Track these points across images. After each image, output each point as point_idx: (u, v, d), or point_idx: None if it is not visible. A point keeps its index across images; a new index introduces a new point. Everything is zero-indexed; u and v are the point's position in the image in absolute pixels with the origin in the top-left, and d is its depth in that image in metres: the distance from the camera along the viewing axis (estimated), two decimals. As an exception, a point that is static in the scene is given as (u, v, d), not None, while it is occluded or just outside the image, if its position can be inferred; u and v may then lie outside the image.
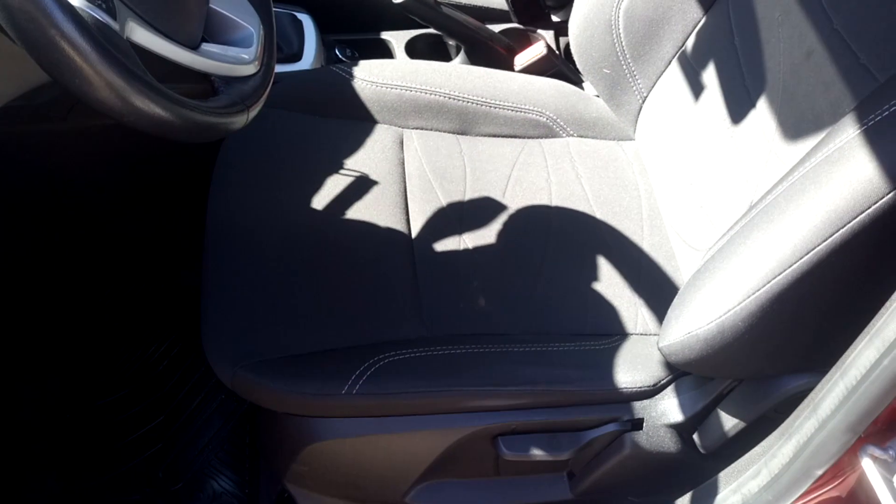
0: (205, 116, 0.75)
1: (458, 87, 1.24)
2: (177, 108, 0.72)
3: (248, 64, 0.87)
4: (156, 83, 0.70)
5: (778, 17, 0.97)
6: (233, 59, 0.85)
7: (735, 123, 1.01)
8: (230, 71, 0.84)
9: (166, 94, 0.71)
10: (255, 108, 0.85)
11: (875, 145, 0.72)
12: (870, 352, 0.67)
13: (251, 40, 0.89)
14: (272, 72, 0.91)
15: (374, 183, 1.15)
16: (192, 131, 0.75)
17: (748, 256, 0.80)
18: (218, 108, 0.78)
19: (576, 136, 1.27)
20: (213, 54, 0.83)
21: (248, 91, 0.85)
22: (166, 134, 0.73)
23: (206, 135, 0.77)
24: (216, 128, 0.78)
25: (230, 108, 0.80)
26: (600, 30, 1.18)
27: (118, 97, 0.68)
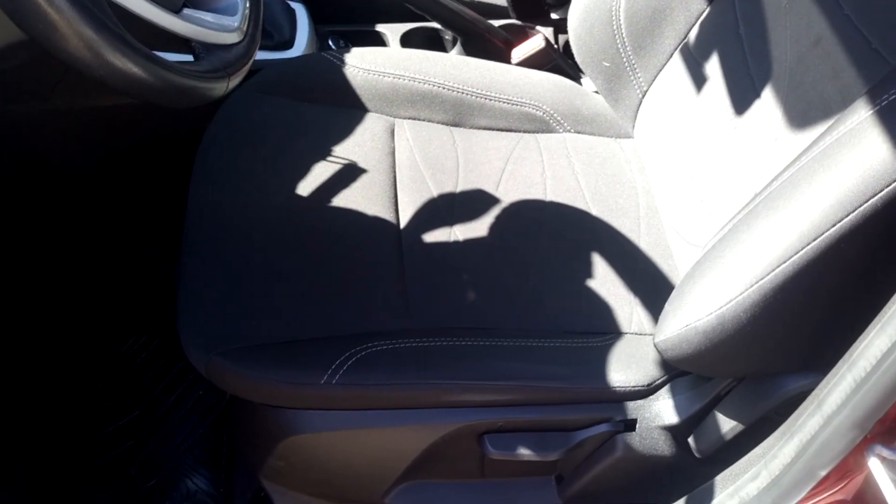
0: (182, 78, 0.71)
1: (454, 78, 1.20)
2: (152, 67, 0.68)
3: (232, 32, 0.83)
4: (131, 38, 0.67)
5: (785, 5, 0.93)
6: (215, 25, 0.81)
7: (739, 114, 0.97)
8: (212, 38, 0.81)
9: (142, 51, 0.67)
10: (236, 77, 0.81)
11: (888, 126, 0.69)
12: (881, 340, 0.63)
13: (235, 9, 0.85)
14: (256, 42, 0.87)
15: (362, 171, 1.11)
16: (167, 93, 0.71)
17: (752, 244, 0.76)
18: (197, 71, 0.74)
19: (573, 131, 1.23)
20: (195, 19, 0.79)
21: (231, 59, 0.81)
22: (140, 94, 0.70)
23: (182, 99, 0.73)
24: (193, 92, 0.74)
25: (209, 73, 0.76)
26: (601, 21, 1.15)
27: (89, 50, 0.64)
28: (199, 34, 0.79)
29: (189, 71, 0.72)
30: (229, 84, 0.79)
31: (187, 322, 0.93)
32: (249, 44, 0.85)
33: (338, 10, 1.46)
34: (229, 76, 0.79)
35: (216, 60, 0.79)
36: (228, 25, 0.83)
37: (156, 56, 0.68)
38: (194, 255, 0.99)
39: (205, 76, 0.75)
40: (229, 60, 0.80)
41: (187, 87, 0.72)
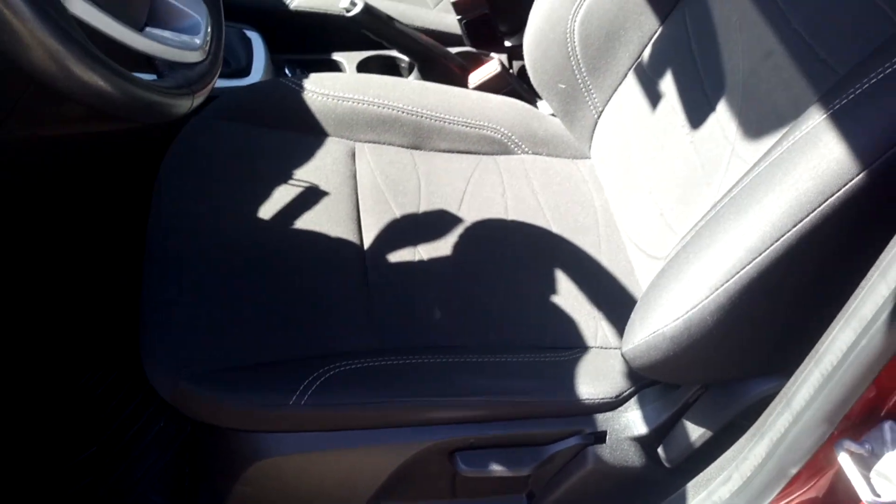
0: (147, 93, 0.71)
1: (413, 102, 1.21)
2: (118, 80, 0.67)
3: (195, 50, 0.83)
4: (96, 50, 0.66)
5: (735, 21, 0.97)
6: (178, 43, 0.81)
7: (694, 128, 1.00)
8: (175, 56, 0.80)
9: (107, 63, 0.67)
10: (200, 95, 0.81)
11: (841, 128, 0.71)
12: (846, 334, 0.65)
13: (198, 28, 0.85)
14: (220, 61, 0.87)
15: (324, 194, 1.11)
16: (132, 107, 0.70)
17: (715, 249, 0.78)
18: (162, 86, 0.74)
19: (530, 153, 1.25)
20: (158, 37, 0.79)
21: (194, 77, 0.80)
22: (105, 108, 0.69)
23: (147, 113, 0.73)
24: (158, 107, 0.73)
25: (174, 89, 0.76)
26: (555, 44, 1.17)
27: (54, 61, 0.63)
28: (161, 52, 0.79)
29: (154, 86, 0.72)
30: (193, 101, 0.79)
31: (151, 348, 0.91)
32: (213, 63, 0.84)
33: (294, 40, 1.46)
34: (194, 93, 0.78)
35: (180, 77, 0.78)
36: (191, 44, 0.83)
37: (121, 69, 0.68)
38: (156, 282, 0.97)
39: (169, 92, 0.74)
40: (193, 78, 0.80)
41: (152, 102, 0.72)
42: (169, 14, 0.84)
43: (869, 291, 0.62)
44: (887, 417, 0.70)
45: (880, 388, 0.69)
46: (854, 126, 0.70)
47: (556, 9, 1.16)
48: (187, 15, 0.85)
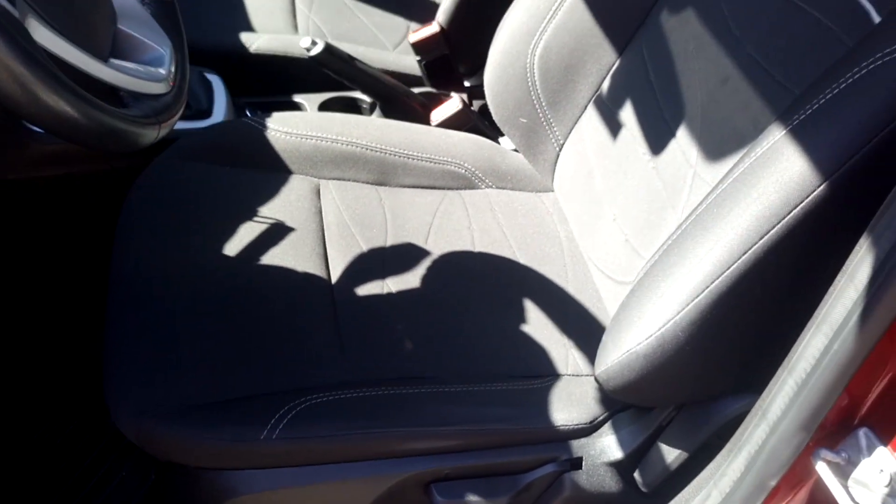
0: (113, 120, 0.70)
1: (376, 139, 1.22)
2: (84, 106, 0.67)
3: (160, 82, 0.82)
4: (63, 76, 0.65)
5: (692, 50, 1.00)
6: (143, 74, 0.81)
7: (656, 154, 1.01)
8: (140, 87, 0.80)
9: (73, 89, 0.66)
10: (166, 126, 0.80)
11: (802, 142, 0.73)
12: (818, 339, 0.65)
13: (162, 61, 0.85)
14: (185, 94, 0.86)
15: (289, 230, 1.10)
16: (97, 135, 0.69)
17: (684, 266, 0.79)
18: (128, 114, 0.73)
19: (494, 187, 1.26)
20: (123, 68, 0.79)
21: (160, 107, 0.80)
22: (70, 135, 0.68)
23: (112, 142, 0.72)
24: (124, 136, 0.73)
25: (140, 118, 0.75)
26: (516, 78, 1.19)
27: (19, 85, 0.62)
28: (126, 83, 0.78)
29: (120, 113, 0.71)
30: (159, 132, 0.78)
31: (114, 386, 0.88)
32: (178, 94, 0.84)
33: (254, 82, 1.47)
34: (160, 123, 0.78)
35: (146, 107, 0.78)
36: (156, 75, 0.82)
37: (87, 95, 0.67)
38: (119, 322, 0.95)
39: (136, 120, 0.74)
40: (159, 108, 0.79)
41: (118, 130, 0.71)
42: (132, 46, 0.84)
43: (838, 295, 0.63)
44: (861, 424, 0.71)
45: (852, 396, 0.70)
46: (814, 139, 0.72)
47: (515, 44, 1.19)
48: (151, 48, 0.85)
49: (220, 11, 1.55)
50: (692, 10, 1.02)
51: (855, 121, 0.70)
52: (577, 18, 1.14)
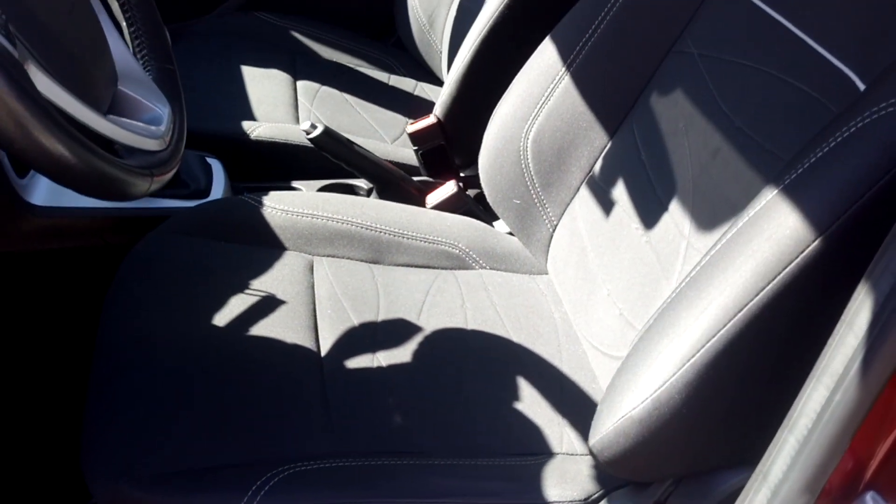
0: (107, 165, 0.70)
1: (371, 218, 1.23)
2: (79, 149, 0.67)
3: (156, 139, 0.83)
4: (59, 117, 0.66)
5: (682, 127, 1.01)
6: (140, 130, 0.82)
7: (649, 228, 1.02)
8: (136, 142, 0.81)
9: (68, 131, 0.66)
10: (159, 180, 0.80)
11: (794, 200, 0.73)
12: (819, 392, 0.63)
13: (160, 120, 0.86)
14: (180, 153, 0.87)
15: (280, 302, 1.09)
16: (90, 180, 0.69)
17: (680, 326, 0.77)
18: (122, 162, 0.73)
19: (488, 268, 1.26)
20: (119, 122, 0.80)
21: (155, 161, 0.81)
22: (62, 176, 0.68)
23: (105, 188, 0.72)
24: (118, 183, 0.73)
25: (134, 167, 0.75)
26: (509, 161, 1.21)
27: (16, 123, 0.62)
28: (122, 136, 0.79)
29: (114, 160, 0.72)
30: (152, 185, 0.78)
31: (92, 449, 0.85)
32: (173, 152, 0.85)
33: (254, 168, 1.49)
34: (153, 176, 0.78)
35: (140, 159, 0.78)
36: (152, 132, 0.83)
37: (82, 138, 0.67)
38: (102, 385, 0.93)
39: (129, 169, 0.74)
40: (153, 162, 0.80)
41: (111, 176, 0.71)
42: (131, 106, 0.86)
43: (838, 344, 0.62)
44: (868, 488, 0.68)
45: (857, 457, 0.67)
46: (805, 197, 0.73)
47: (509, 128, 1.21)
48: (149, 108, 0.87)
49: (224, 101, 1.58)
50: (680, 90, 1.04)
51: (846, 177, 0.70)
52: (568, 103, 1.17)
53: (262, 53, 1.76)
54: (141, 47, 0.91)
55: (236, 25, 1.87)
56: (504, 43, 1.40)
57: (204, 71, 1.66)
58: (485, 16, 1.42)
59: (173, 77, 0.92)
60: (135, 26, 0.92)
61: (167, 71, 0.92)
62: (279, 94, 1.65)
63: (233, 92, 1.62)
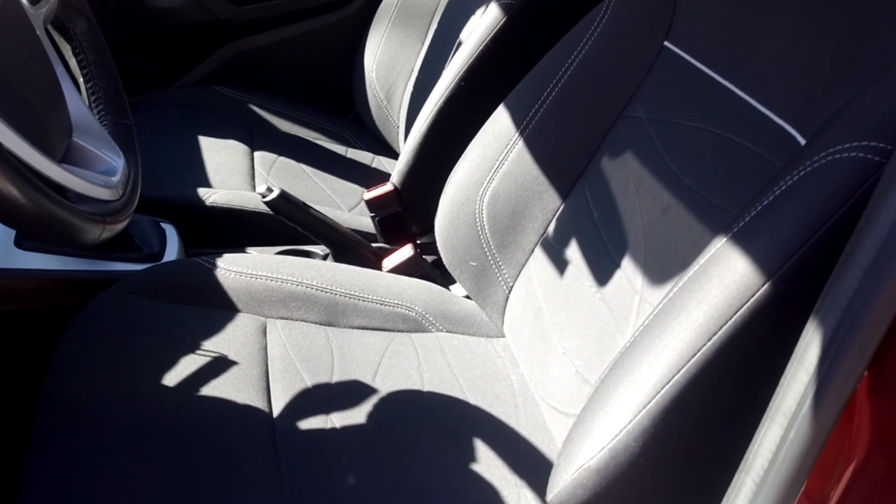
0: (59, 208, 0.70)
1: (326, 280, 1.22)
2: (30, 190, 0.66)
3: (109, 188, 0.83)
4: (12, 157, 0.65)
5: (632, 188, 1.04)
6: (93, 179, 0.81)
7: (602, 286, 1.02)
8: (88, 190, 0.80)
9: (21, 172, 0.66)
10: (111, 228, 0.79)
11: (742, 246, 0.75)
12: (773, 431, 0.63)
13: (114, 172, 0.86)
14: (133, 204, 0.87)
15: (231, 363, 1.07)
16: (41, 222, 0.68)
17: (634, 375, 0.77)
18: (75, 207, 0.72)
19: (445, 331, 1.25)
20: (73, 170, 0.79)
21: (108, 210, 0.80)
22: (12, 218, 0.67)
23: (56, 232, 0.71)
24: (69, 228, 0.72)
25: (86, 212, 0.74)
26: (465, 223, 1.22)
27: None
28: (75, 184, 0.78)
29: (66, 203, 0.71)
30: (103, 232, 0.78)
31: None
32: (127, 203, 0.84)
33: (209, 234, 1.48)
34: (105, 223, 0.77)
35: (93, 206, 0.77)
36: (106, 182, 0.83)
37: (34, 179, 0.67)
38: (42, 446, 0.89)
39: (81, 214, 0.73)
40: (106, 210, 0.79)
41: (62, 220, 0.70)
42: (85, 157, 0.85)
43: (790, 382, 0.62)
44: (825, 532, 0.67)
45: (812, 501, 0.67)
46: (754, 243, 0.74)
47: (464, 191, 1.23)
48: (103, 160, 0.87)
49: (180, 168, 1.59)
50: (630, 152, 1.07)
51: (791, 223, 0.72)
52: (522, 167, 1.19)
53: (219, 125, 1.77)
54: (98, 102, 0.92)
55: (195, 98, 1.89)
56: (459, 112, 1.43)
57: (161, 140, 1.67)
58: (441, 87, 1.46)
59: (129, 132, 0.92)
60: (92, 82, 0.92)
61: (123, 126, 0.92)
62: (235, 163, 1.65)
63: (189, 160, 1.62)
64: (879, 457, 0.60)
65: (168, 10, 1.91)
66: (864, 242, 0.58)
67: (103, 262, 1.26)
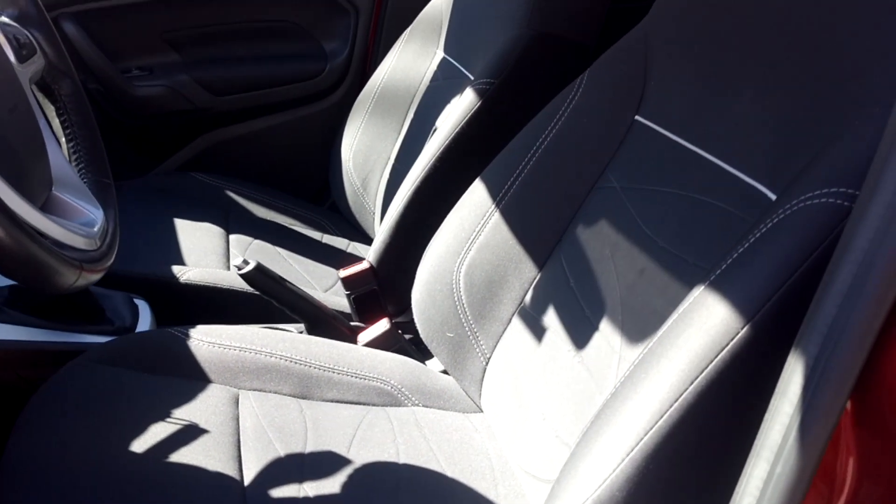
0: (36, 246, 0.69)
1: (301, 352, 1.21)
2: (9, 223, 0.66)
3: (88, 238, 0.82)
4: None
5: (608, 253, 1.05)
6: (72, 227, 0.81)
7: (581, 349, 1.02)
8: (67, 238, 0.80)
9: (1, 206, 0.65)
10: (86, 275, 0.79)
11: (720, 293, 0.75)
12: (760, 467, 0.62)
13: (93, 224, 0.86)
14: (111, 256, 0.86)
15: (203, 431, 1.04)
16: (17, 257, 0.68)
17: (616, 424, 0.76)
18: (54, 248, 0.72)
19: (421, 405, 1.23)
20: (52, 217, 0.79)
21: (85, 257, 0.79)
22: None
23: (32, 271, 0.70)
24: (45, 268, 0.71)
25: (65, 256, 0.74)
26: (442, 294, 1.22)
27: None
28: (54, 231, 0.78)
29: (45, 243, 0.70)
30: (78, 278, 0.77)
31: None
32: (104, 254, 0.84)
33: (183, 312, 1.46)
34: (81, 269, 0.76)
35: (72, 251, 0.77)
36: (84, 232, 0.82)
37: (14, 214, 0.66)
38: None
39: (58, 255, 0.72)
40: (83, 257, 0.78)
41: (38, 258, 0.70)
42: (64, 209, 0.85)
43: (774, 415, 0.62)
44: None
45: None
46: (732, 288, 0.75)
47: (442, 262, 1.23)
48: (82, 213, 0.86)
49: (155, 247, 1.58)
50: (605, 220, 1.09)
51: (768, 266, 0.73)
52: (499, 238, 1.20)
53: (196, 209, 1.78)
54: (79, 161, 0.92)
55: (172, 184, 1.90)
56: (435, 191, 1.46)
57: (136, 221, 1.66)
58: (418, 167, 1.49)
59: (109, 189, 0.93)
60: (74, 142, 0.93)
61: (103, 183, 0.92)
62: (211, 244, 1.65)
63: (164, 240, 1.62)
64: (868, 486, 0.60)
65: (148, 99, 1.95)
66: (841, 270, 0.59)
67: (72, 334, 1.24)
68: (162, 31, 1.95)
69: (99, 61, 1.90)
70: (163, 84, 1.96)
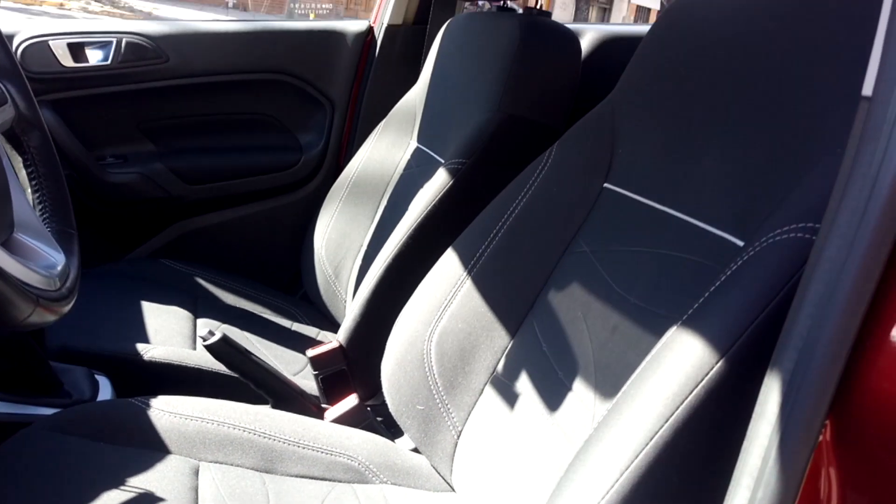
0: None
1: (265, 426, 1.16)
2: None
3: (48, 278, 0.80)
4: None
5: (580, 315, 1.04)
6: (31, 265, 0.78)
7: (554, 411, 0.99)
8: (25, 276, 0.77)
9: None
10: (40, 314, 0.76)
11: (696, 328, 0.74)
12: (741, 494, 0.60)
13: (54, 266, 0.84)
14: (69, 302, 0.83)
15: (159, 500, 0.98)
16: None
17: (592, 465, 0.73)
18: (10, 275, 0.70)
19: (390, 483, 1.18)
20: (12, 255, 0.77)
21: (42, 294, 0.77)
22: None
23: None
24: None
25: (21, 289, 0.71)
26: (413, 364, 1.20)
27: None
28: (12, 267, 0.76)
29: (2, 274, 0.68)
30: (33, 314, 0.74)
31: None
32: (63, 296, 0.81)
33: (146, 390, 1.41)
34: (38, 304, 0.74)
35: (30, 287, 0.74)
36: (44, 272, 0.80)
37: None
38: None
39: (14, 284, 0.70)
40: (41, 294, 0.76)
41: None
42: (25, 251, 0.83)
43: (752, 438, 0.60)
44: None
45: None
46: (705, 325, 0.74)
47: (412, 332, 1.21)
48: (44, 257, 0.84)
49: (120, 326, 1.54)
50: (576, 283, 1.09)
51: (739, 302, 0.73)
52: (470, 306, 1.19)
53: (164, 294, 1.75)
54: (44, 211, 0.91)
55: (141, 270, 1.88)
56: (406, 269, 1.45)
57: (104, 302, 1.63)
58: (390, 245, 1.48)
59: (73, 239, 0.91)
60: (40, 192, 0.92)
61: (68, 234, 0.90)
62: (177, 326, 1.62)
63: (130, 319, 1.58)
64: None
65: (121, 186, 1.96)
66: (811, 286, 0.59)
67: (27, 406, 1.19)
68: (138, 120, 1.98)
69: (74, 148, 1.91)
70: (137, 172, 1.97)
